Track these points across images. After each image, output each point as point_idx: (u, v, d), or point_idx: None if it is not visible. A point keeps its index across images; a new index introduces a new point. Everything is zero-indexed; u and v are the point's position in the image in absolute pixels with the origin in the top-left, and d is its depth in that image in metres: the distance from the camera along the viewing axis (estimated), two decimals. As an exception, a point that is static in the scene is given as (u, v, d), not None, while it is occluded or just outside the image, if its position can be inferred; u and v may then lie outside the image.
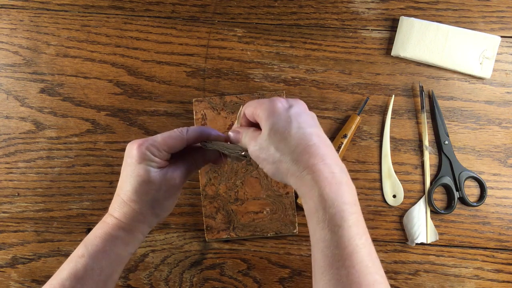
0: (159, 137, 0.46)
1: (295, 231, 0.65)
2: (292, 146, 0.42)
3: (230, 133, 0.48)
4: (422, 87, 0.68)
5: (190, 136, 0.47)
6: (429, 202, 0.66)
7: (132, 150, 0.46)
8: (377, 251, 0.68)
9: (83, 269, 0.44)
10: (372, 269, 0.39)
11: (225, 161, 0.51)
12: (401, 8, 0.70)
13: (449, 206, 0.67)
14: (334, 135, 0.68)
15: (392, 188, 0.67)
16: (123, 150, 0.48)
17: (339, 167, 0.42)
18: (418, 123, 0.68)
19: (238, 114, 0.50)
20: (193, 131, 0.48)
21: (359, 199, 0.68)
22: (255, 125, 0.47)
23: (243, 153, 0.48)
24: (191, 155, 0.49)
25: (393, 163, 0.67)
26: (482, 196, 0.67)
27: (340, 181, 0.41)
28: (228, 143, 0.49)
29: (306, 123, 0.44)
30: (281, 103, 0.44)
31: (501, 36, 0.68)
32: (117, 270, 0.47)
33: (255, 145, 0.44)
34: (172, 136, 0.47)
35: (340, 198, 0.40)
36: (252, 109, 0.46)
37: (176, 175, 0.47)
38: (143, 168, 0.46)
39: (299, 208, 0.67)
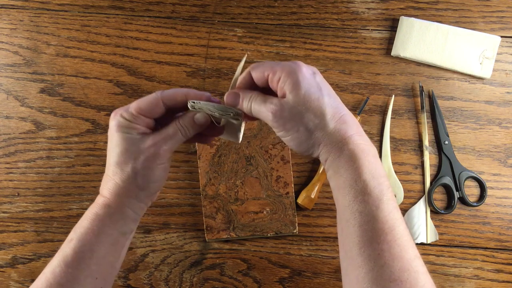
0: (133, 103, 0.44)
1: (295, 231, 0.65)
2: (328, 115, 0.40)
3: (226, 96, 0.45)
4: (422, 87, 0.68)
5: (165, 96, 0.44)
6: (429, 202, 0.66)
7: (110, 122, 0.44)
8: (377, 251, 0.67)
9: (73, 253, 0.42)
10: (411, 243, 0.38)
11: (219, 131, 0.46)
12: (401, 8, 0.70)
13: (449, 206, 0.67)
14: (334, 135, 0.68)
15: (392, 188, 0.67)
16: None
17: (368, 139, 0.42)
18: (418, 123, 0.68)
19: (235, 77, 0.45)
20: (169, 90, 0.44)
21: (359, 199, 0.68)
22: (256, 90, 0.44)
23: (235, 116, 0.44)
24: (178, 121, 0.45)
25: (393, 163, 0.67)
26: (482, 196, 0.67)
27: (374, 154, 0.41)
28: (219, 104, 0.45)
29: (332, 91, 0.42)
30: (305, 68, 0.42)
31: (501, 36, 0.68)
32: (112, 252, 0.44)
33: (282, 110, 0.41)
34: (145, 98, 0.44)
35: (378, 171, 0.40)
36: (268, 70, 0.42)
37: (156, 142, 0.44)
38: (120, 136, 0.43)
39: (299, 208, 0.67)
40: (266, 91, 0.44)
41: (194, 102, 0.44)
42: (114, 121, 0.44)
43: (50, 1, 0.70)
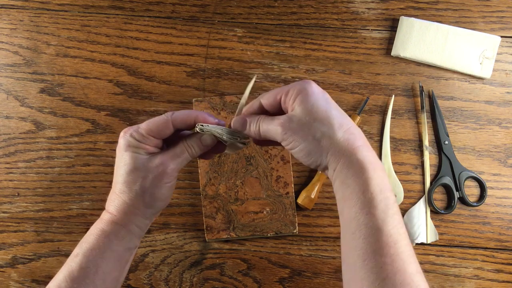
0: (143, 124, 0.45)
1: (295, 231, 0.65)
2: (336, 125, 0.41)
3: (233, 122, 0.46)
4: (422, 87, 0.68)
5: (176, 119, 0.45)
6: (429, 202, 0.66)
7: (119, 140, 0.45)
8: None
9: (78, 268, 0.43)
10: (413, 259, 0.39)
11: (222, 148, 0.48)
12: (401, 8, 0.70)
13: (449, 206, 0.67)
14: (334, 135, 0.68)
15: (392, 188, 0.67)
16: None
17: (375, 153, 0.42)
18: (418, 123, 0.68)
19: (241, 102, 0.47)
20: (179, 113, 0.45)
21: (359, 199, 0.68)
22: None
23: (242, 140, 0.46)
24: (185, 141, 0.47)
25: (393, 163, 0.67)
26: (482, 196, 0.67)
27: (381, 167, 0.41)
28: (226, 127, 0.47)
29: (340, 109, 0.44)
30: (315, 85, 0.43)
31: (501, 36, 0.68)
32: (117, 268, 0.45)
33: (290, 121, 0.42)
34: (155, 120, 0.45)
35: (385, 185, 0.40)
36: (280, 93, 0.44)
37: (164, 162, 0.45)
38: (129, 156, 0.44)
39: (299, 208, 0.67)
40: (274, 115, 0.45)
41: (202, 125, 0.45)
42: (123, 140, 0.45)
43: (50, 1, 0.70)
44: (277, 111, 0.45)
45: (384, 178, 0.41)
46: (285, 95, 0.43)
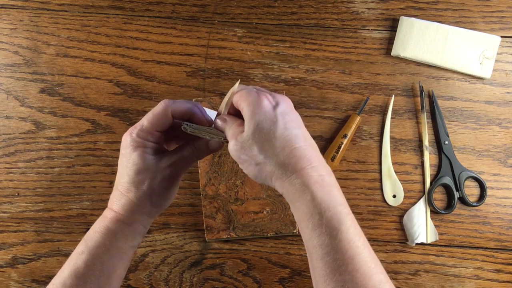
0: (144, 121, 0.45)
1: (295, 231, 0.65)
2: (278, 148, 0.41)
3: (217, 120, 0.46)
4: (422, 87, 0.68)
5: (175, 111, 0.45)
6: (429, 202, 0.66)
7: (125, 140, 0.45)
8: (377, 251, 0.68)
9: (84, 266, 0.44)
10: (375, 270, 0.38)
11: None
12: (401, 8, 0.70)
13: (449, 206, 0.67)
14: (334, 135, 0.68)
15: (392, 188, 0.67)
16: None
17: (325, 169, 0.42)
18: (418, 123, 0.68)
19: (224, 99, 0.46)
20: (179, 105, 0.45)
21: (359, 199, 0.68)
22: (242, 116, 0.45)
23: (226, 139, 0.46)
24: (192, 143, 0.47)
25: (393, 163, 0.67)
26: (482, 196, 0.67)
27: (329, 183, 0.41)
28: (211, 128, 0.46)
29: (293, 123, 0.42)
30: (267, 99, 0.42)
31: (501, 36, 0.68)
32: (120, 265, 0.46)
33: (236, 144, 0.42)
34: (154, 113, 0.45)
35: (333, 200, 0.40)
36: (238, 98, 0.44)
37: (173, 164, 0.46)
38: (138, 156, 0.44)
39: (299, 208, 0.67)
40: None
41: (187, 125, 0.45)
42: (130, 140, 0.45)
43: (50, 1, 0.70)
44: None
45: (332, 193, 0.40)
46: (242, 102, 0.43)
